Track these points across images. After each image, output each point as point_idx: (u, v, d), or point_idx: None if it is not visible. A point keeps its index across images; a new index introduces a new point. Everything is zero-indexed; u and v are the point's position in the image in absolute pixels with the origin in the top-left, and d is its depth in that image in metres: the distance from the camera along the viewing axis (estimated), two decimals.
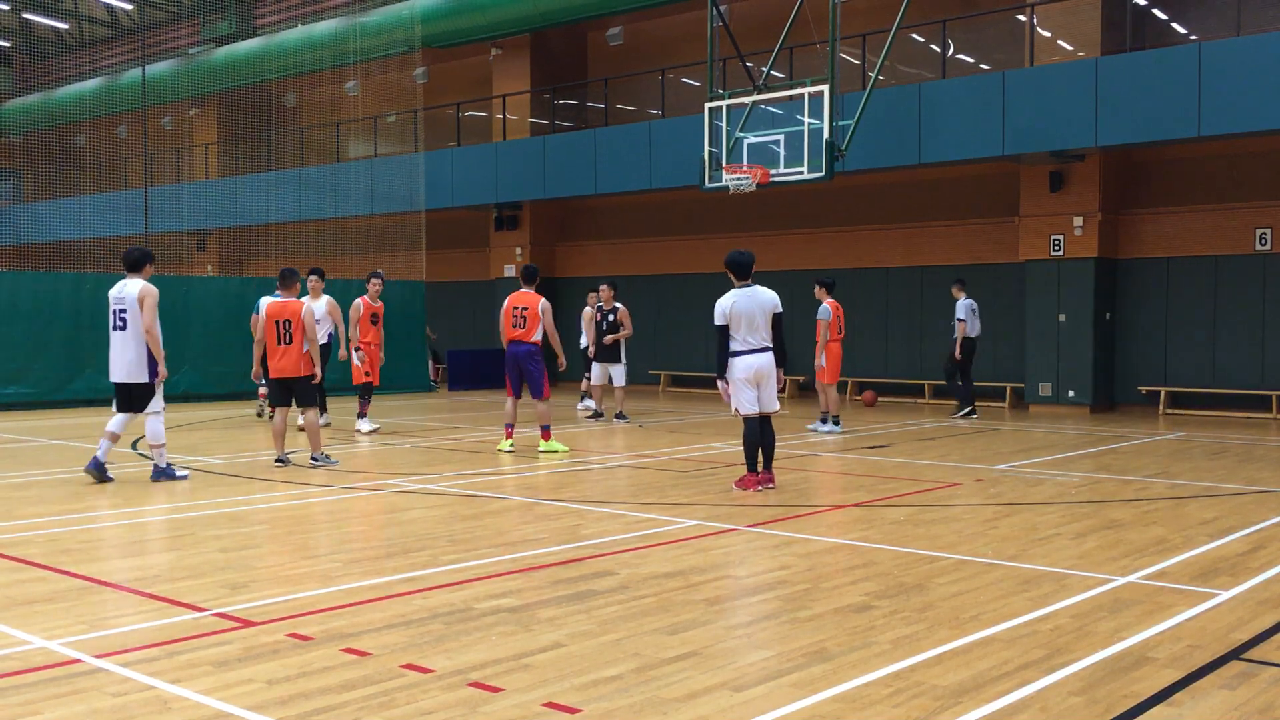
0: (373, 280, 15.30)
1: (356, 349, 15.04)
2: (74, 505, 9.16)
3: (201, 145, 32.88)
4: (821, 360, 14.91)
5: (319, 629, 5.38)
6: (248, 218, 28.59)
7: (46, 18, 36.00)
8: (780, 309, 9.73)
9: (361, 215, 25.48)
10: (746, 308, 9.56)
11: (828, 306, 14.84)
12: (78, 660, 4.89)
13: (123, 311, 10.31)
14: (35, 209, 33.08)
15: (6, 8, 35.07)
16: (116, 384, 10.48)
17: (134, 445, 13.69)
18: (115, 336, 10.37)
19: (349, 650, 5.03)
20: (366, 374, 14.94)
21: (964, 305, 17.48)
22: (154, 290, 10.38)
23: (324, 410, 14.38)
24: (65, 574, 6.59)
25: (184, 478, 10.54)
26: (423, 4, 25.45)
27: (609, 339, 16.74)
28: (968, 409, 17.45)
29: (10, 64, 37.14)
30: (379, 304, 15.16)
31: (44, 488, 10.18)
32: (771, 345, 9.66)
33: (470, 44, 26.61)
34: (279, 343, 11.37)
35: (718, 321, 9.68)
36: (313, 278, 14.68)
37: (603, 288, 17.24)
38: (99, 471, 10.27)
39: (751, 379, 9.61)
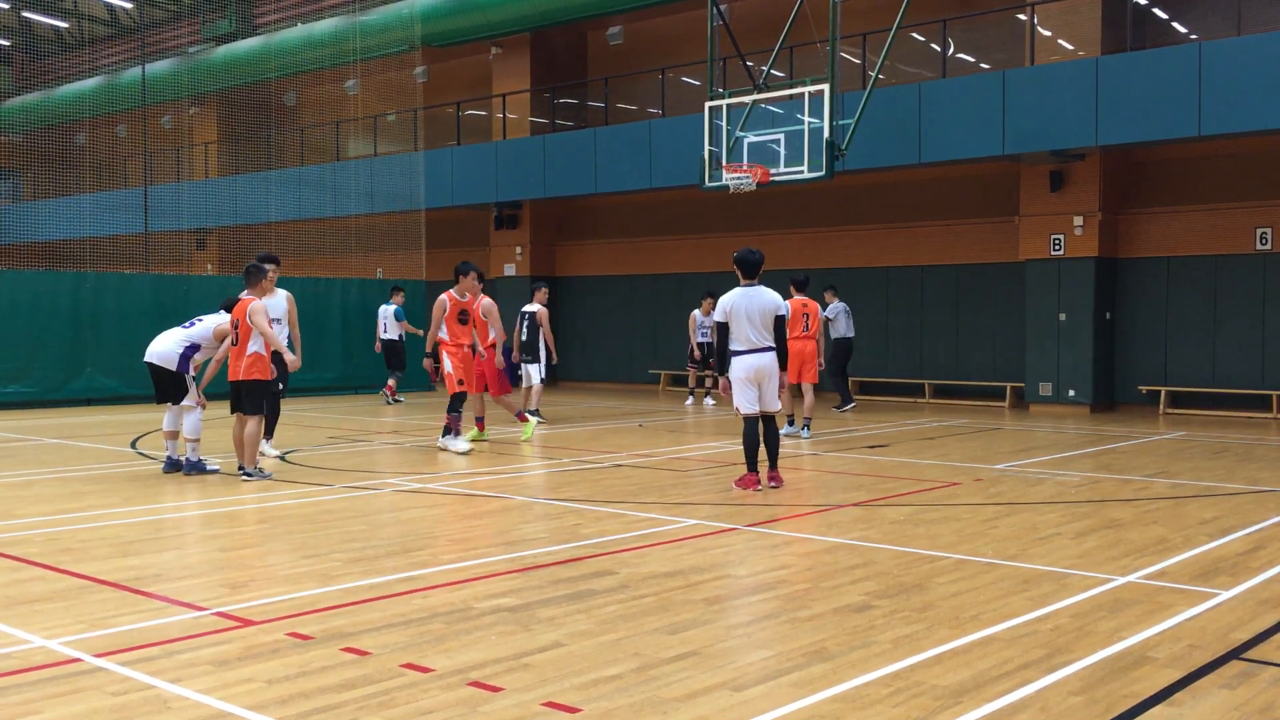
0: (463, 276, 13.02)
1: (475, 350, 13.27)
2: (74, 505, 9.15)
3: (201, 144, 32.88)
4: None
5: (318, 628, 5.38)
6: (248, 217, 28.58)
7: (46, 17, 36.00)
8: (782, 311, 9.75)
9: (361, 214, 25.48)
10: (746, 307, 9.61)
11: (786, 304, 14.82)
12: (78, 660, 4.89)
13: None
14: (35, 208, 33.07)
15: (6, 7, 35.05)
16: (150, 365, 10.80)
17: (133, 444, 13.69)
18: (174, 330, 10.98)
19: (349, 650, 5.03)
20: (460, 382, 12.78)
21: (832, 309, 18.62)
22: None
23: (270, 434, 12.31)
24: (65, 573, 6.59)
25: (215, 471, 10.83)
26: (423, 3, 25.44)
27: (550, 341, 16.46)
28: (848, 405, 18.71)
29: (10, 63, 37.14)
30: (467, 299, 13.02)
31: (44, 487, 10.18)
32: (773, 345, 9.67)
33: (470, 43, 26.61)
34: (233, 343, 10.53)
35: (717, 318, 9.81)
36: (269, 266, 11.52)
37: (543, 289, 16.79)
38: (195, 469, 10.76)
39: (752, 379, 9.63)
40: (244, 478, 10.41)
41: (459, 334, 12.89)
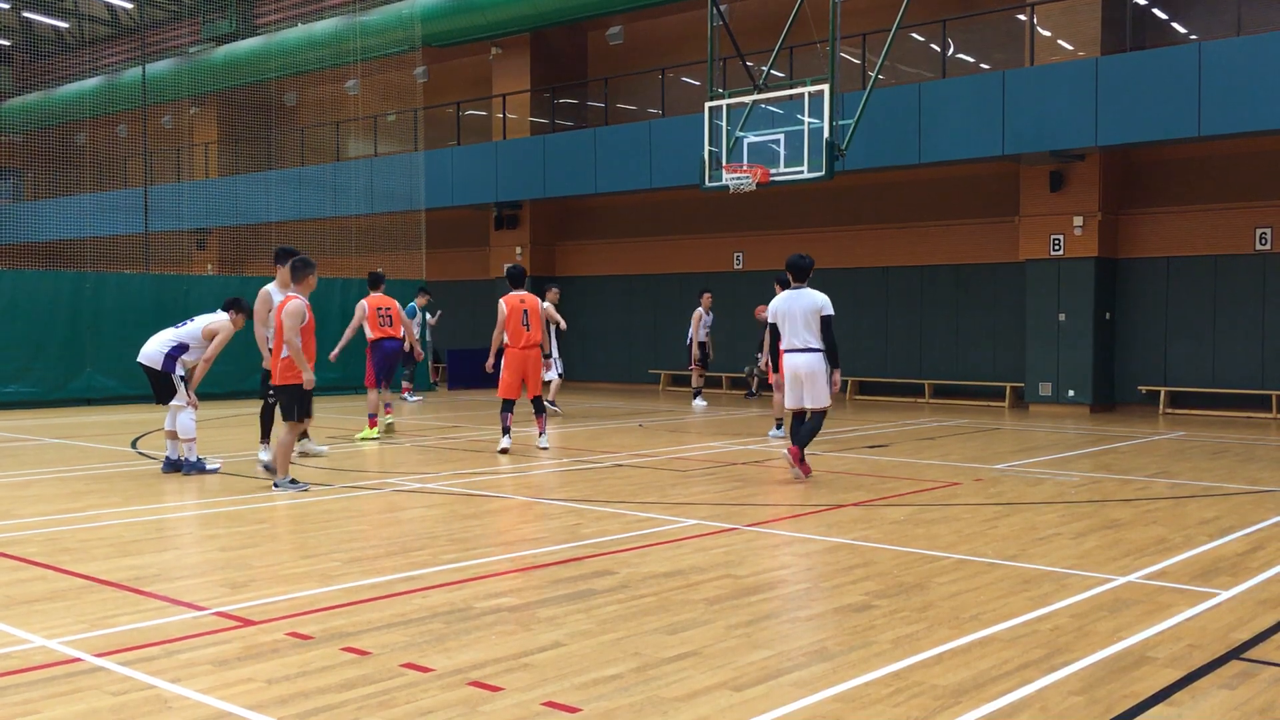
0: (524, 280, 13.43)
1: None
2: (74, 505, 9.16)
3: (201, 144, 32.89)
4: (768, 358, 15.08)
5: (319, 628, 5.38)
6: (248, 217, 28.61)
7: (46, 17, 36.01)
8: (827, 312, 10.19)
9: (361, 215, 25.48)
10: (788, 309, 10.27)
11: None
12: (78, 659, 4.89)
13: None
14: (36, 208, 33.09)
15: (6, 7, 35.07)
16: (141, 365, 10.82)
17: (133, 444, 13.69)
18: (167, 330, 10.96)
19: (349, 649, 5.03)
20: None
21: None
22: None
23: (266, 438, 11.47)
24: (65, 573, 6.59)
25: (215, 470, 10.79)
26: (423, 3, 25.45)
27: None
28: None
29: (10, 63, 37.15)
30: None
31: (44, 487, 10.18)
32: (815, 346, 10.17)
33: (470, 43, 26.62)
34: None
35: (769, 319, 10.51)
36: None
37: (554, 290, 18.06)
38: (194, 469, 10.72)
39: (792, 378, 10.24)
40: (274, 488, 9.77)
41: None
